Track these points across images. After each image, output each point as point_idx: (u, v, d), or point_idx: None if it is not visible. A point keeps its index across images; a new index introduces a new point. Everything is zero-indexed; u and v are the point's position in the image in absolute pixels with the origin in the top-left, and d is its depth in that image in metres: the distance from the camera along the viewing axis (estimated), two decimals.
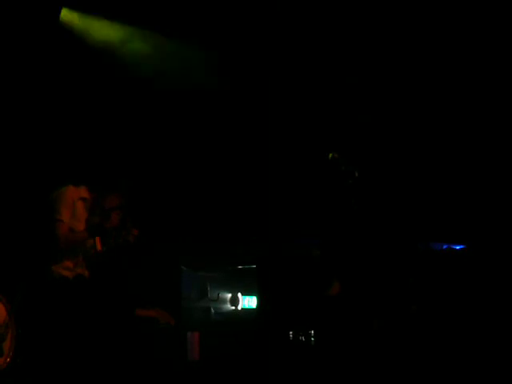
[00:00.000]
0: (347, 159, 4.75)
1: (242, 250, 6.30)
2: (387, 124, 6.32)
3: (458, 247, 5.78)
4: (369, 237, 5.30)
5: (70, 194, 4.93)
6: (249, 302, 6.36)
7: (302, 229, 6.14)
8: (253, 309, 6.31)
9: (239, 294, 6.39)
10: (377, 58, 6.19)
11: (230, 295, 6.40)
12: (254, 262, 6.24)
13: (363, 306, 5.10)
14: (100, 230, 4.89)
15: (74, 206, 4.90)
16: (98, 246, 4.95)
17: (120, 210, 4.99)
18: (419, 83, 6.25)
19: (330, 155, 4.68)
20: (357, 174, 4.69)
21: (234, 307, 6.39)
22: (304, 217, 6.22)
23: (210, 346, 5.93)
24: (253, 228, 6.35)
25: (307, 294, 5.69)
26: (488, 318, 5.08)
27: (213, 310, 6.32)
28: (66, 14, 5.91)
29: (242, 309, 6.37)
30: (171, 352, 5.30)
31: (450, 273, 5.34)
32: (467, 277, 5.27)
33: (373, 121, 6.29)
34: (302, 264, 5.93)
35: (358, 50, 6.17)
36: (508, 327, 5.03)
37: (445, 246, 5.86)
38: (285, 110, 5.75)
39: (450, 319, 5.14)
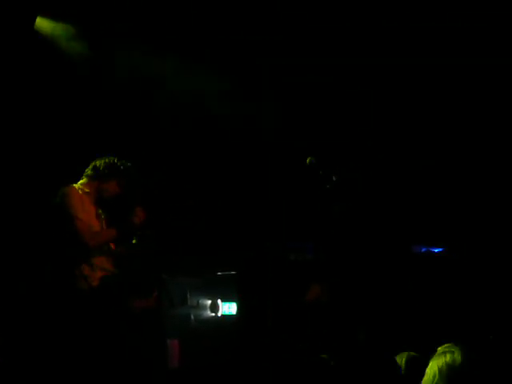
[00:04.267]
0: (325, 163, 4.74)
1: (222, 257, 6.28)
2: (370, 128, 6.33)
3: (436, 250, 5.81)
4: (352, 240, 5.30)
5: (74, 191, 4.69)
6: (229, 308, 6.34)
7: (284, 234, 6.14)
8: (233, 315, 6.29)
9: (219, 301, 6.36)
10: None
11: (209, 302, 6.38)
12: (234, 268, 6.24)
13: (349, 313, 5.09)
14: (129, 226, 4.66)
15: (82, 203, 4.67)
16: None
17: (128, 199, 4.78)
18: (403, 90, 6.27)
19: (308, 160, 4.67)
20: (334, 178, 4.68)
21: (213, 314, 6.36)
22: (286, 223, 6.21)
23: (190, 353, 5.90)
24: (235, 235, 6.34)
25: (286, 299, 5.68)
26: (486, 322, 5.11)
27: (193, 317, 6.29)
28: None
29: (222, 315, 6.35)
30: (151, 360, 5.25)
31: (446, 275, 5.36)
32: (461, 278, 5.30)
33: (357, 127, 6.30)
34: (281, 269, 5.93)
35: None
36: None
37: (423, 249, 5.88)
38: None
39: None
